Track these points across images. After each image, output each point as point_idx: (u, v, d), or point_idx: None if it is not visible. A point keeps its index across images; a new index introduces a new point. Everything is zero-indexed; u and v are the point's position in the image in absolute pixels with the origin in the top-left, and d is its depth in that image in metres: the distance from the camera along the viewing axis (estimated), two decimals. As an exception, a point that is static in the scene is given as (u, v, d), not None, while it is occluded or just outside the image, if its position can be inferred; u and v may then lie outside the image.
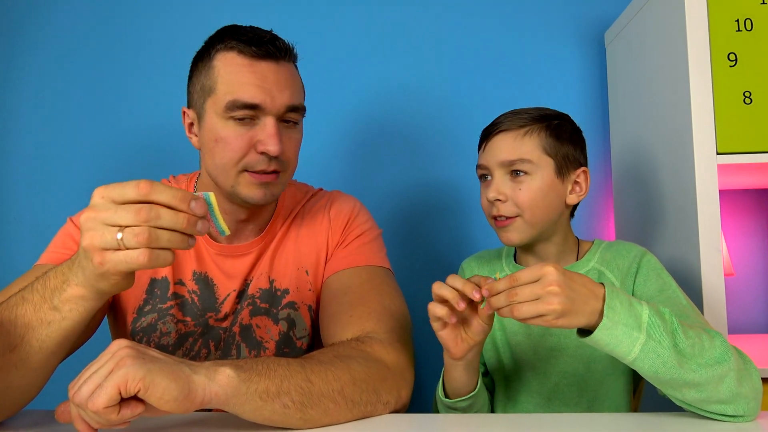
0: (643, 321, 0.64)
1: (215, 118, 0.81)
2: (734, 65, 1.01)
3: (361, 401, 0.69)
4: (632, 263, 0.86)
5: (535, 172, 0.86)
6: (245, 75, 0.81)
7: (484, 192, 0.91)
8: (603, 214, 1.45)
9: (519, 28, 1.48)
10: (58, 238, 0.87)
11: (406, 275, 1.40)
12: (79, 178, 1.44)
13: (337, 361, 0.70)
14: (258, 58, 0.82)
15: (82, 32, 1.47)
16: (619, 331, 0.63)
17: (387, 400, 0.72)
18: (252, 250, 0.91)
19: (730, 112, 1.01)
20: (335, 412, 0.67)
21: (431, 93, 1.47)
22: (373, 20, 1.49)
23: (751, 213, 1.46)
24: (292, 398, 0.64)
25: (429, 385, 1.39)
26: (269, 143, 0.80)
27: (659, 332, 0.63)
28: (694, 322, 0.76)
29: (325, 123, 1.46)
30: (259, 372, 0.62)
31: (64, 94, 1.45)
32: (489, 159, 0.89)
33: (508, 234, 0.88)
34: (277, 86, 0.82)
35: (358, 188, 1.01)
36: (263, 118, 0.81)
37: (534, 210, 0.86)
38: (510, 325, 0.92)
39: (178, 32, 1.47)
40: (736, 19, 1.02)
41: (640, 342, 0.63)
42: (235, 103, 0.80)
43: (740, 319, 1.43)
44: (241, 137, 0.81)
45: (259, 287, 0.91)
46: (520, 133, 0.87)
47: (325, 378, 0.67)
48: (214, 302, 0.89)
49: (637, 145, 1.28)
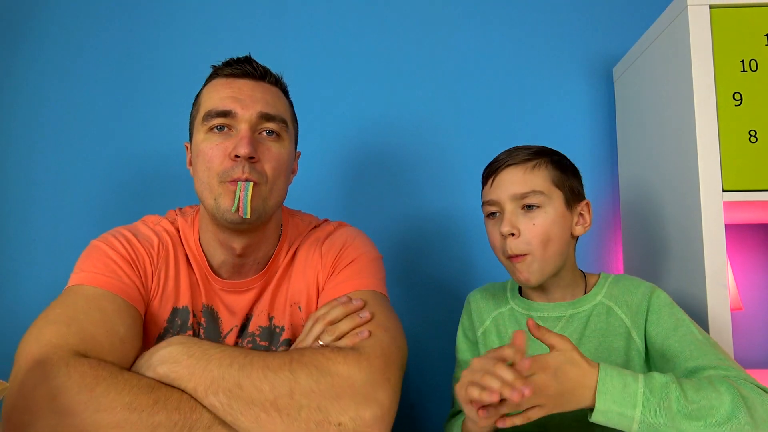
0: (638, 400, 0.67)
1: (198, 136, 0.86)
2: (739, 104, 1.03)
3: (300, 417, 0.68)
4: (642, 301, 0.87)
5: (547, 205, 0.87)
6: (221, 90, 0.86)
7: (495, 228, 0.90)
8: (611, 248, 1.46)
9: (527, 61, 1.50)
10: (99, 261, 0.83)
11: (407, 308, 1.40)
12: (95, 195, 1.47)
13: (285, 369, 0.70)
14: (236, 77, 0.87)
15: (107, 51, 1.51)
16: (613, 414, 0.67)
17: (339, 420, 0.68)
18: (254, 286, 0.91)
19: (735, 150, 1.03)
20: (269, 423, 0.67)
21: (436, 126, 1.48)
22: (374, 51, 1.50)
23: (761, 247, 1.46)
24: (219, 400, 0.68)
25: (435, 413, 1.39)
26: (239, 145, 0.82)
27: (655, 408, 0.66)
28: (712, 360, 0.76)
29: (322, 154, 1.46)
30: (192, 370, 0.70)
31: (82, 109, 1.49)
32: (499, 193, 0.89)
33: (524, 274, 0.88)
34: (251, 97, 0.85)
35: (356, 220, 1.02)
36: (237, 126, 0.84)
37: (546, 244, 0.86)
38: None
39: (194, 59, 1.51)
40: (741, 60, 1.04)
41: (636, 420, 0.66)
42: (209, 113, 0.84)
43: (749, 354, 1.42)
44: (216, 146, 0.83)
45: (259, 325, 0.91)
46: (529, 167, 0.88)
47: (259, 386, 0.68)
48: (218, 336, 0.91)
49: (644, 179, 1.29)
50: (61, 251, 1.42)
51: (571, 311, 0.90)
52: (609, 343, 0.87)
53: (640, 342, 0.85)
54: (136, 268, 0.85)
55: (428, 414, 1.39)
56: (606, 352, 0.87)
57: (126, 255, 0.85)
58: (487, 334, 0.97)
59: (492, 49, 1.51)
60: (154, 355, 0.73)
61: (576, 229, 0.91)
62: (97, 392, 0.66)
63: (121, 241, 0.86)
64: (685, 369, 0.79)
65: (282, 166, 0.87)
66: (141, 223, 0.93)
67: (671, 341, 0.82)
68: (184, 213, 0.96)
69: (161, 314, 0.88)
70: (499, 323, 0.96)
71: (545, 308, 0.92)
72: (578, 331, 0.89)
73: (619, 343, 0.87)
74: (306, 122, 0.86)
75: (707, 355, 0.77)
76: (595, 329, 0.88)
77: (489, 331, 0.97)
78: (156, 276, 0.87)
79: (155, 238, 0.90)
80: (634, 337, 0.86)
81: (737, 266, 1.45)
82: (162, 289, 0.88)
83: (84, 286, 0.80)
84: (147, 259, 0.87)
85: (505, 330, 0.95)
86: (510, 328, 0.95)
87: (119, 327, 0.77)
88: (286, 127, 0.88)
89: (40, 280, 1.42)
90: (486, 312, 0.98)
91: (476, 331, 0.98)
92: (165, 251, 0.89)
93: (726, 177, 1.02)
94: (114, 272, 0.82)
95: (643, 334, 0.86)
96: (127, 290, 0.82)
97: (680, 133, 1.10)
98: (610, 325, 0.88)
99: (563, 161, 0.92)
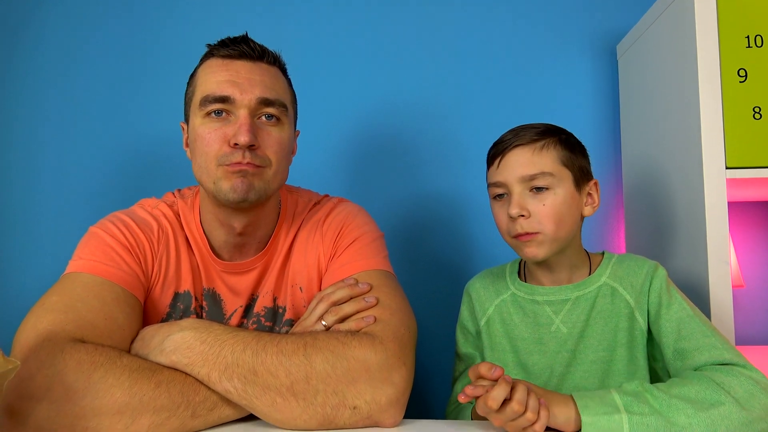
0: (618, 403, 0.69)
1: (195, 120, 0.84)
2: (744, 81, 1.03)
3: (316, 402, 0.68)
4: (645, 280, 0.87)
5: (556, 186, 0.86)
6: (219, 73, 0.83)
7: (502, 209, 0.89)
8: (614, 226, 1.47)
9: (530, 39, 1.48)
10: (97, 249, 0.82)
11: (411, 288, 1.41)
12: (97, 182, 1.47)
13: (300, 354, 0.70)
14: (232, 58, 0.85)
15: (102, 37, 1.51)
16: (602, 421, 0.68)
17: (355, 404, 0.69)
18: (255, 266, 0.91)
19: (739, 127, 1.02)
20: (285, 408, 0.68)
21: (441, 104, 1.48)
22: (379, 31, 1.49)
23: (763, 225, 1.46)
24: (234, 385, 0.68)
25: (437, 392, 1.40)
26: (239, 133, 0.80)
27: (637, 405, 0.69)
28: (699, 341, 0.78)
29: (326, 134, 1.46)
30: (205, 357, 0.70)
31: (83, 99, 1.49)
32: (507, 175, 0.87)
33: (532, 249, 0.87)
34: (249, 81, 0.83)
35: (359, 199, 1.02)
36: (235, 112, 0.83)
37: (558, 224, 0.85)
38: (523, 346, 0.92)
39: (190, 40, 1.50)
40: (747, 36, 1.03)
41: (625, 420, 0.68)
42: (207, 98, 0.82)
43: (750, 331, 1.43)
44: (215, 132, 0.82)
45: (264, 305, 0.91)
46: (537, 147, 0.87)
47: (274, 372, 0.68)
48: (222, 318, 0.91)
49: (647, 157, 1.29)
50: (63, 238, 1.44)
51: (577, 293, 0.90)
52: (614, 324, 0.88)
53: (643, 322, 0.86)
54: (135, 255, 0.84)
55: (431, 394, 1.40)
56: (612, 334, 0.88)
57: (125, 242, 0.84)
58: (491, 324, 0.95)
59: (494, 26, 1.49)
60: (166, 340, 0.72)
61: (585, 209, 0.90)
62: (94, 378, 0.65)
63: (120, 228, 0.85)
64: (674, 349, 0.80)
65: (283, 150, 0.86)
66: (138, 207, 0.92)
67: (663, 320, 0.83)
68: (184, 195, 0.95)
69: (163, 300, 0.87)
70: (503, 311, 0.95)
71: (550, 292, 0.92)
72: (585, 313, 0.89)
73: (623, 324, 0.87)
74: (310, 102, 0.85)
75: (695, 335, 0.79)
76: (601, 311, 0.89)
77: (492, 320, 0.95)
78: (157, 262, 0.87)
79: (154, 223, 0.89)
80: (637, 317, 0.87)
81: (739, 244, 1.46)
82: (163, 275, 0.87)
83: (82, 274, 0.79)
84: (147, 245, 0.86)
85: (510, 317, 0.94)
86: (515, 315, 0.93)
87: (118, 315, 0.77)
88: (285, 111, 0.86)
89: (44, 266, 1.44)
90: (488, 301, 0.97)
91: (479, 322, 0.97)
92: (165, 237, 0.88)
93: (729, 154, 1.02)
94: (113, 260, 0.81)
95: (645, 313, 0.86)
96: (126, 278, 0.81)
97: (684, 110, 1.10)
98: (615, 306, 0.88)
99: (571, 140, 0.90)
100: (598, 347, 0.88)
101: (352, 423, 0.70)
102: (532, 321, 0.92)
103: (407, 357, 0.75)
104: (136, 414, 0.66)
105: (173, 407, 0.68)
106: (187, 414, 0.69)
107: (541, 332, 0.91)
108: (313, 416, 0.69)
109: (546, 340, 0.90)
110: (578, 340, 0.89)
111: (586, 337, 0.88)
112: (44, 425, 0.64)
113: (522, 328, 0.92)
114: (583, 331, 0.89)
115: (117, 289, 0.79)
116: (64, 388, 0.65)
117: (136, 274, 0.83)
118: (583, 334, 0.89)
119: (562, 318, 0.90)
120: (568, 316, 0.90)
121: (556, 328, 0.90)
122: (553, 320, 0.90)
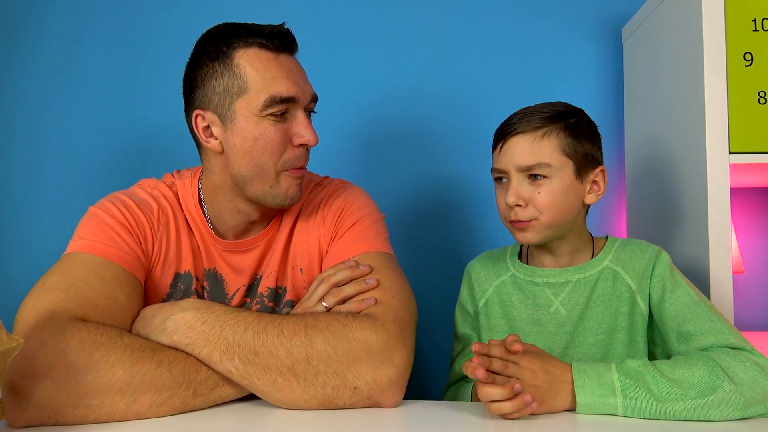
0: (617, 386, 0.70)
1: (250, 117, 0.81)
2: (750, 65, 1.02)
3: (317, 382, 0.69)
4: (648, 265, 0.87)
5: (554, 176, 0.85)
6: (274, 69, 0.81)
7: (501, 194, 0.89)
8: (615, 210, 1.46)
9: (535, 21, 1.47)
10: (97, 229, 0.82)
11: (412, 272, 1.41)
12: (99, 162, 1.47)
13: (300, 334, 0.70)
14: (279, 51, 0.83)
15: (100, 26, 1.50)
16: (596, 403, 0.69)
17: (356, 385, 0.70)
18: (258, 244, 0.91)
19: (744, 111, 1.01)
20: (286, 387, 0.69)
21: (444, 89, 1.47)
22: (385, 16, 1.48)
23: (765, 211, 1.46)
24: (235, 365, 0.69)
25: (436, 374, 1.41)
26: (306, 134, 0.81)
27: (634, 390, 0.69)
28: (705, 325, 0.78)
29: (334, 119, 1.45)
30: (206, 337, 0.70)
31: (82, 86, 1.49)
32: (506, 162, 0.87)
33: (525, 234, 0.87)
34: (302, 77, 0.84)
35: (366, 185, 1.02)
36: (293, 111, 0.82)
37: (553, 213, 0.85)
38: (521, 327, 0.92)
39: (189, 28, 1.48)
40: (753, 19, 1.02)
41: (620, 405, 0.69)
42: (273, 99, 0.80)
43: (750, 317, 1.44)
44: (279, 133, 0.81)
45: (268, 286, 0.92)
46: (538, 135, 0.85)
47: (275, 352, 0.69)
48: (224, 298, 0.91)
49: (651, 141, 1.28)
50: (65, 219, 1.45)
51: (578, 276, 0.90)
52: (615, 307, 0.88)
53: (644, 306, 0.86)
54: (135, 235, 0.83)
55: (430, 376, 1.41)
56: (612, 317, 0.88)
57: (125, 222, 0.83)
58: (489, 305, 0.95)
59: (499, 10, 1.48)
60: (167, 320, 0.73)
61: (588, 197, 0.89)
62: (96, 357, 0.66)
63: (120, 208, 0.84)
64: (678, 333, 0.80)
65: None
66: (138, 188, 0.91)
67: (667, 304, 0.83)
68: (182, 176, 0.94)
69: (163, 281, 0.87)
70: (502, 292, 0.95)
71: (551, 274, 0.92)
72: (585, 295, 0.89)
73: (624, 308, 0.87)
74: (316, 86, 0.85)
75: (700, 319, 0.79)
76: (602, 294, 0.89)
77: (491, 301, 0.95)
78: (157, 243, 0.86)
79: (154, 204, 0.88)
80: (638, 301, 0.87)
81: (740, 230, 1.45)
82: (164, 256, 0.87)
83: (83, 254, 0.79)
84: (147, 226, 0.85)
85: (509, 299, 0.94)
86: (514, 296, 0.93)
87: (119, 294, 0.77)
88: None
89: (45, 247, 1.44)
90: (487, 281, 0.97)
91: (477, 303, 0.97)
92: (165, 217, 0.88)
93: (733, 139, 1.01)
94: (113, 240, 0.81)
95: (647, 298, 0.86)
96: (126, 258, 0.81)
97: (688, 94, 1.09)
98: (617, 289, 0.88)
99: (579, 124, 0.88)
100: (598, 330, 0.88)
101: (352, 403, 0.71)
102: (531, 302, 0.92)
103: (407, 338, 0.76)
104: (138, 393, 0.66)
105: (175, 386, 0.68)
106: (189, 393, 0.69)
107: (540, 313, 0.91)
108: (314, 396, 0.70)
109: (544, 321, 0.91)
110: (577, 323, 0.89)
111: (586, 319, 0.89)
112: (47, 404, 0.64)
113: (521, 309, 0.93)
114: (583, 313, 0.89)
115: (117, 268, 0.79)
116: (66, 367, 0.65)
117: (137, 254, 0.83)
118: (583, 316, 0.89)
119: (561, 300, 0.90)
120: (567, 299, 0.90)
121: (555, 309, 0.90)
122: (553, 302, 0.91)
